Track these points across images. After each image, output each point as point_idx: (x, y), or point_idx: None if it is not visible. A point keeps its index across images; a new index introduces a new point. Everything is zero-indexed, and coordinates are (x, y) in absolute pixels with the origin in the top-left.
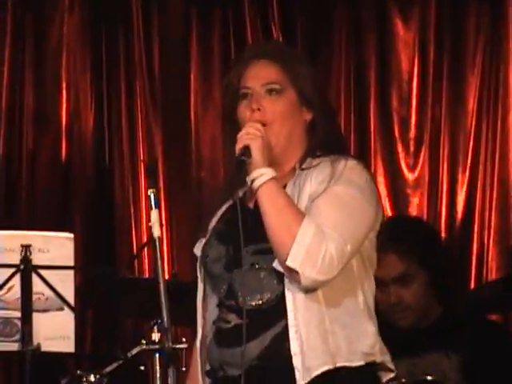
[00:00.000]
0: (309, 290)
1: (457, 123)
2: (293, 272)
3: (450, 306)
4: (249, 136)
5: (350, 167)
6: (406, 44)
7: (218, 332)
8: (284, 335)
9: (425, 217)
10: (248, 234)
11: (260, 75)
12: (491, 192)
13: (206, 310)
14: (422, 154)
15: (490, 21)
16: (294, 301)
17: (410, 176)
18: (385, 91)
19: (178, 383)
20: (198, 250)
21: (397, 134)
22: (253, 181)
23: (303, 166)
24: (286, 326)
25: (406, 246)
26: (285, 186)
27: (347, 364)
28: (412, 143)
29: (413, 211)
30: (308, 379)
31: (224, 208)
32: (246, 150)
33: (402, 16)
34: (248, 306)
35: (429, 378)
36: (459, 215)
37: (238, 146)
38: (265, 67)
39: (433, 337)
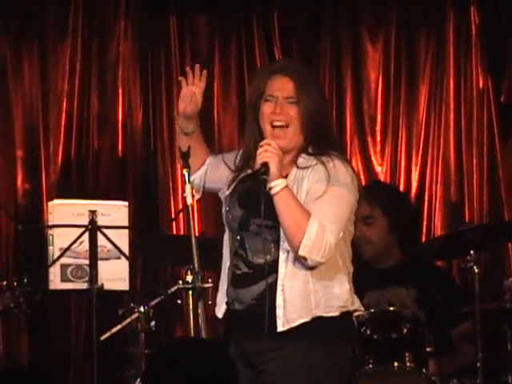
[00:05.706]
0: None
1: (411, 119)
2: (301, 257)
3: (409, 253)
4: (267, 154)
5: (337, 168)
6: (374, 61)
7: (232, 275)
8: (274, 286)
9: None
10: (258, 209)
11: (283, 89)
12: (437, 169)
13: (226, 255)
14: (387, 142)
15: (436, 44)
16: (285, 267)
17: (377, 158)
18: (358, 96)
19: (206, 314)
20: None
21: (367, 128)
22: (270, 188)
23: (300, 166)
24: (276, 280)
25: (375, 196)
26: (287, 175)
27: (324, 314)
28: (378, 135)
29: None
30: (287, 327)
31: (244, 173)
32: (266, 166)
33: (371, 40)
34: (255, 262)
35: (391, 308)
36: (414, 187)
37: (259, 162)
38: (287, 83)
39: (396, 275)
